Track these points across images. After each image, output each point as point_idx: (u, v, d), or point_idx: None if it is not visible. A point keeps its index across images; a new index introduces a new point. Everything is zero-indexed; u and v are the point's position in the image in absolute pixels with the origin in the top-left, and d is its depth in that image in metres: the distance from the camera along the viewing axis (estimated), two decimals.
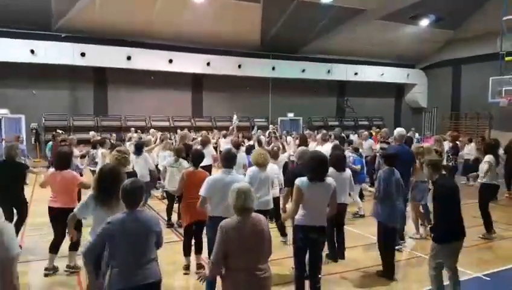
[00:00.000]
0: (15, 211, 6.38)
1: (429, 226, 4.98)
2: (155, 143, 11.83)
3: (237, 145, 9.16)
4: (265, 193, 5.78)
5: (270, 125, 19.19)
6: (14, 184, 6.37)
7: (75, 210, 4.22)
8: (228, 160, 5.05)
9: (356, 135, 16.18)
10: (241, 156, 8.44)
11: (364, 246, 7.01)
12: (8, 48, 16.17)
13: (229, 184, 4.66)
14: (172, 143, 12.38)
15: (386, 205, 5.64)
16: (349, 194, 6.87)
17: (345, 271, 5.96)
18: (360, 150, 10.34)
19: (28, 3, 15.56)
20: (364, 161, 9.94)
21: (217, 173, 5.15)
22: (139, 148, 8.86)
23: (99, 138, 14.89)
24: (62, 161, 5.85)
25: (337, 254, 6.44)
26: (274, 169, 6.78)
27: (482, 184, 7.95)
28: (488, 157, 7.82)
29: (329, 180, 4.60)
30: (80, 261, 5.92)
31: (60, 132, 16.49)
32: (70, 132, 17.84)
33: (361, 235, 7.52)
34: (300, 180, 4.50)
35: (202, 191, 4.87)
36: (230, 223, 3.26)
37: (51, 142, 13.43)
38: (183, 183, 5.78)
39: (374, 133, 15.49)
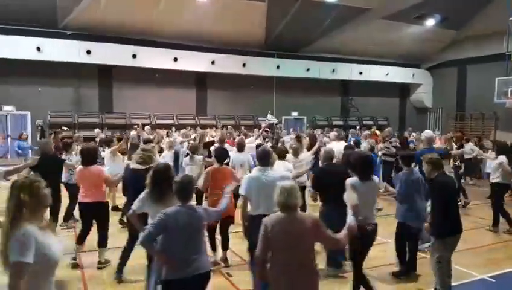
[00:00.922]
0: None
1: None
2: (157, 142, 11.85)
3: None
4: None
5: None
6: (50, 178, 6.43)
7: (133, 206, 4.40)
8: (263, 158, 5.05)
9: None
10: (242, 156, 8.38)
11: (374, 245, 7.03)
12: (14, 46, 16.21)
13: (267, 182, 4.77)
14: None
15: (406, 205, 5.72)
16: None
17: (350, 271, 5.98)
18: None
19: (33, 1, 15.63)
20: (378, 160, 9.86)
21: (253, 172, 5.19)
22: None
23: (103, 135, 14.98)
24: (89, 157, 6.00)
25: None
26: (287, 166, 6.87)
27: (495, 183, 8.11)
28: (501, 158, 8.02)
29: (375, 179, 4.96)
30: (108, 256, 6.15)
31: (65, 128, 16.59)
32: (75, 129, 17.91)
33: None
34: (353, 181, 4.75)
35: (241, 190, 4.91)
36: (273, 219, 3.35)
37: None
38: (207, 179, 6.02)
39: (377, 133, 15.48)
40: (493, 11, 18.93)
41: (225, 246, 6.10)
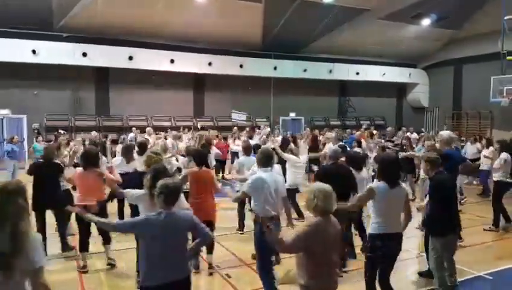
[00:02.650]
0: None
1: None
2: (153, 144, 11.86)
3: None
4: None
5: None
6: (50, 184, 6.46)
7: (127, 191, 4.68)
8: (266, 159, 4.99)
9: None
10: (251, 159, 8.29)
11: None
12: (9, 49, 16.19)
13: (269, 183, 4.76)
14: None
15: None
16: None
17: (355, 269, 5.93)
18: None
19: (29, 3, 15.57)
20: None
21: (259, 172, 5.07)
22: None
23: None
24: (89, 161, 5.95)
25: (362, 248, 6.49)
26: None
27: (497, 181, 8.13)
28: (504, 155, 8.08)
29: (402, 184, 4.48)
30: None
31: (62, 132, 16.53)
32: (72, 132, 17.90)
33: None
34: (377, 186, 4.32)
35: (245, 188, 4.97)
36: (318, 223, 3.33)
37: (36, 143, 13.16)
38: (185, 181, 5.87)
39: (373, 133, 15.50)
40: (489, 11, 19.01)
41: (210, 249, 5.94)
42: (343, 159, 7.04)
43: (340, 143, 8.83)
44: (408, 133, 15.93)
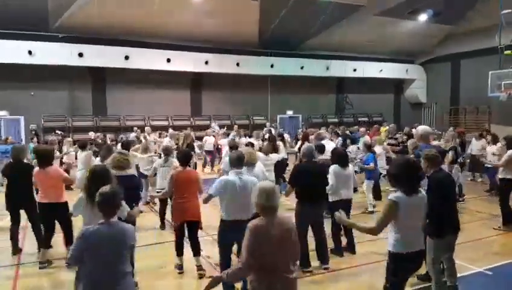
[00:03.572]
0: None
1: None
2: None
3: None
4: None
5: (267, 123, 19.22)
6: (22, 184, 6.48)
7: (71, 209, 4.33)
8: (236, 160, 4.99)
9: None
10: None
11: (374, 241, 7.01)
12: (5, 50, 16.14)
13: (240, 185, 4.75)
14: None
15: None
16: (356, 189, 6.92)
17: (354, 266, 6.06)
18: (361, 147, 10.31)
19: (24, 4, 15.49)
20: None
21: (229, 175, 5.04)
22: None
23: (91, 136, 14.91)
24: (44, 159, 6.10)
25: (348, 248, 6.53)
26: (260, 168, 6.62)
27: (503, 179, 7.97)
28: (511, 152, 7.83)
29: (423, 191, 3.89)
30: None
31: (59, 132, 16.48)
32: (70, 132, 17.84)
33: None
34: (397, 197, 3.68)
35: (211, 190, 4.86)
36: (259, 224, 3.14)
37: (32, 144, 13.10)
38: (172, 183, 5.79)
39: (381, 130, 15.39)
40: (485, 5, 18.99)
41: (197, 252, 5.79)
42: (322, 157, 7.08)
43: (320, 143, 8.69)
44: (413, 130, 15.65)
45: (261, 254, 3.07)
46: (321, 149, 7.53)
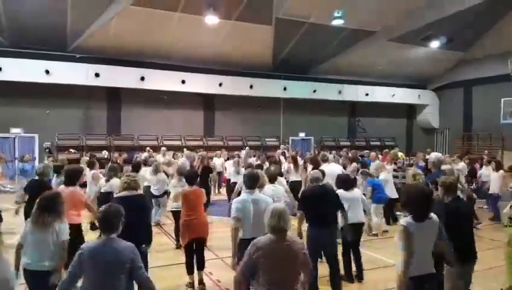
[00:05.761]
0: None
1: None
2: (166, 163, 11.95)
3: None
4: None
5: (282, 145, 19.26)
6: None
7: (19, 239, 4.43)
8: (251, 180, 5.05)
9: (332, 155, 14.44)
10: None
11: (383, 268, 6.96)
12: (23, 68, 16.41)
13: (254, 205, 4.80)
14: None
15: None
16: (365, 212, 6.89)
17: None
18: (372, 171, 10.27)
19: (44, 24, 15.86)
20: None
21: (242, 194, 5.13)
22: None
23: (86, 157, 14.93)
24: (72, 178, 6.04)
25: (356, 274, 6.43)
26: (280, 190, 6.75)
27: None
28: None
29: (434, 216, 3.94)
30: None
31: (72, 151, 16.64)
32: (83, 151, 18.02)
33: (379, 258, 7.47)
34: (408, 222, 3.80)
35: (232, 212, 4.88)
36: (263, 241, 3.32)
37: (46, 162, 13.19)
38: (182, 200, 6.11)
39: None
40: (498, 33, 19.09)
41: (201, 266, 6.03)
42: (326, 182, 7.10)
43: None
44: (428, 156, 15.33)
45: (265, 270, 3.22)
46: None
